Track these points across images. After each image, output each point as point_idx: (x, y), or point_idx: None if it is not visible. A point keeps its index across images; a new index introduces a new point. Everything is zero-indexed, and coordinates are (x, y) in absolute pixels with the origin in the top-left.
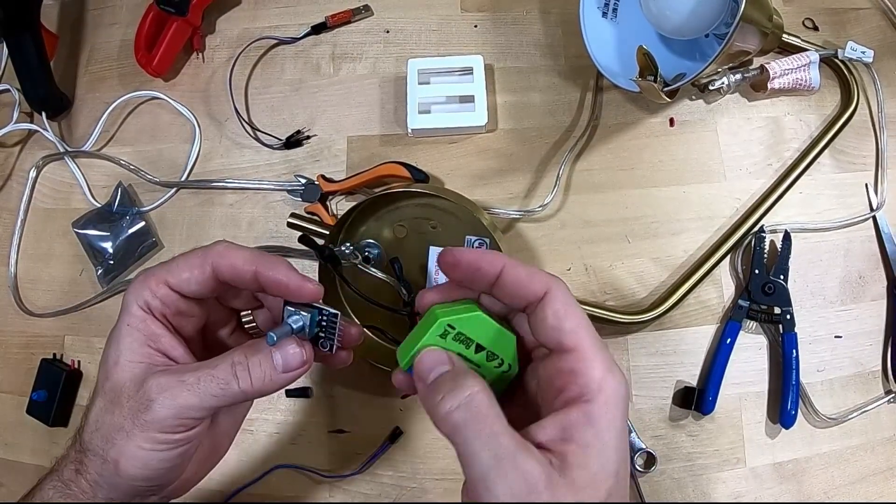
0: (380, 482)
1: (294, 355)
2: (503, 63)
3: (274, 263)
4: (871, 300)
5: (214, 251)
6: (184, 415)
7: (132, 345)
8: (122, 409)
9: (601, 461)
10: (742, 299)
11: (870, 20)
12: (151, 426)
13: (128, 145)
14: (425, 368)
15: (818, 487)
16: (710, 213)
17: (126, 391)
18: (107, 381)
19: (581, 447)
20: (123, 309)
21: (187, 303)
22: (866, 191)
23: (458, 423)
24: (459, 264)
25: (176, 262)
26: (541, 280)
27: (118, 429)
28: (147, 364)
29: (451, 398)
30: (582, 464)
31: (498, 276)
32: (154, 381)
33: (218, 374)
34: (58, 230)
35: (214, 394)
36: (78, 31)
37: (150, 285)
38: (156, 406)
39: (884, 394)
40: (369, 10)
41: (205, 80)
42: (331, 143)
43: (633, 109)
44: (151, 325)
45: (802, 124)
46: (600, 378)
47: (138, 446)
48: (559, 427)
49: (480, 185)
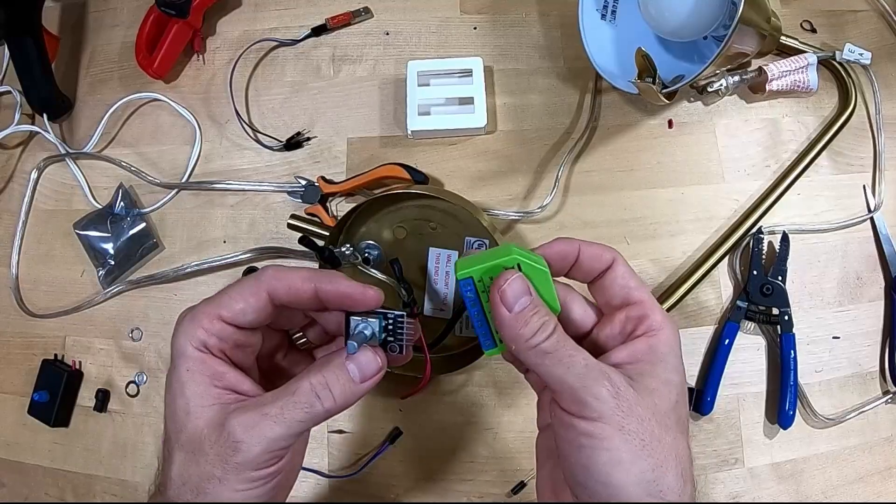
0: (380, 482)
1: (369, 363)
2: (502, 65)
3: (332, 277)
4: (868, 301)
5: (268, 276)
6: (273, 447)
7: (198, 389)
8: (208, 457)
9: (666, 374)
10: (740, 300)
11: (868, 22)
12: (244, 467)
13: (129, 147)
14: (512, 295)
15: (816, 487)
16: (709, 214)
17: (207, 438)
18: (181, 433)
19: (648, 363)
20: (178, 353)
21: (244, 334)
22: (864, 192)
23: (548, 350)
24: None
25: (227, 295)
26: (609, 251)
27: (208, 478)
28: (219, 405)
29: (541, 332)
30: (651, 373)
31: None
32: (235, 420)
33: (300, 399)
34: (59, 231)
35: (300, 419)
36: (79, 33)
37: (202, 324)
38: (244, 446)
39: (881, 394)
40: (369, 13)
41: (205, 81)
42: (331, 145)
43: (632, 111)
44: (213, 364)
45: (800, 126)
46: (661, 320)
47: (233, 490)
48: (627, 352)
49: (480, 187)
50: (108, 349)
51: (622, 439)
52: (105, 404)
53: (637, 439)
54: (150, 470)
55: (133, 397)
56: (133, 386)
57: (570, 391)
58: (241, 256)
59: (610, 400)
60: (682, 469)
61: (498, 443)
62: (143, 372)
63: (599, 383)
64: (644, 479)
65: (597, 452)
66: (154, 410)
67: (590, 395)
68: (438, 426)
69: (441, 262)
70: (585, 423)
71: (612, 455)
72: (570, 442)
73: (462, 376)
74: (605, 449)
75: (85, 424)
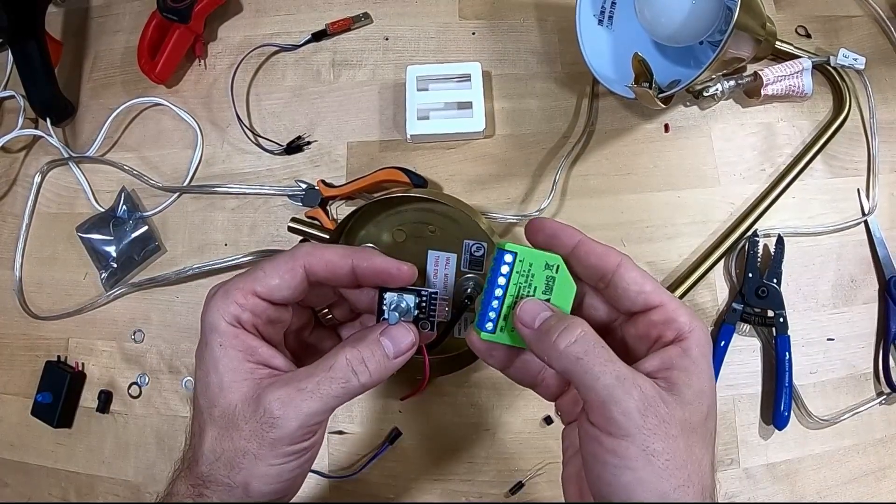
0: (379, 483)
1: (403, 338)
2: (501, 70)
3: (369, 254)
4: (862, 303)
5: (303, 252)
6: (310, 422)
7: (231, 364)
8: (242, 433)
9: (700, 382)
10: (736, 302)
11: (862, 28)
12: (280, 442)
13: (131, 151)
14: (530, 316)
15: (811, 488)
16: (705, 217)
17: (241, 414)
18: (214, 408)
19: (682, 371)
20: (210, 328)
21: (277, 310)
22: (858, 195)
23: (579, 354)
24: (542, 230)
25: (262, 270)
26: (614, 253)
27: (243, 453)
28: (252, 380)
29: (566, 335)
30: (686, 383)
31: (574, 247)
32: (272, 395)
33: (336, 374)
34: (62, 234)
35: (336, 394)
36: (82, 38)
37: (236, 298)
38: (281, 422)
39: (875, 395)
40: (369, 18)
41: (207, 86)
42: (331, 149)
43: (629, 115)
44: (246, 339)
45: (795, 130)
46: (689, 321)
47: (268, 464)
48: (659, 360)
49: (478, 190)
50: (110, 351)
51: (647, 460)
52: (107, 405)
53: (662, 459)
54: (153, 470)
55: (135, 398)
56: (135, 387)
57: (600, 404)
58: (241, 259)
59: (638, 418)
60: (703, 486)
61: (496, 443)
62: (145, 373)
63: (629, 398)
64: (666, 498)
65: (621, 471)
66: (156, 412)
67: (618, 410)
68: (437, 427)
69: (440, 265)
70: (611, 440)
71: (636, 475)
72: (594, 456)
73: (461, 378)
74: (630, 469)
75: (88, 425)
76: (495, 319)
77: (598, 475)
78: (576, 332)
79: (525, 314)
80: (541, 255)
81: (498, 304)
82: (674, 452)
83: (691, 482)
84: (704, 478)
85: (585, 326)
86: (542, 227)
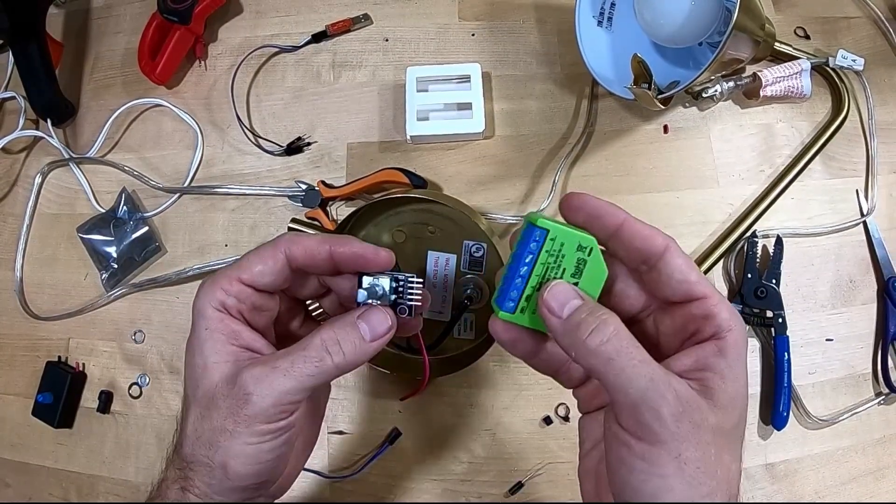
0: (379, 483)
1: (380, 322)
2: (500, 71)
3: (345, 239)
4: (861, 304)
5: (284, 240)
6: (284, 400)
7: (215, 346)
8: (220, 411)
9: (735, 386)
10: (735, 303)
11: (861, 29)
12: (254, 419)
13: (131, 152)
14: (558, 303)
15: (810, 488)
16: (704, 218)
17: (220, 392)
18: (197, 388)
19: (718, 374)
20: (197, 314)
21: (261, 296)
22: (857, 196)
23: (611, 355)
24: (583, 208)
25: (246, 259)
26: (661, 236)
27: (220, 431)
28: (234, 361)
29: (599, 332)
30: (721, 388)
31: (618, 228)
32: (247, 373)
33: (310, 353)
34: (63, 235)
35: (310, 373)
36: (83, 39)
37: (221, 285)
38: (254, 398)
39: (874, 396)
40: (369, 19)
41: (207, 87)
42: (331, 150)
43: (628, 116)
44: (230, 323)
45: (794, 131)
46: (729, 319)
47: (244, 443)
48: (694, 359)
49: (478, 191)
50: (111, 351)
51: (677, 468)
52: (108, 406)
53: (693, 467)
54: (153, 470)
55: (136, 399)
56: (136, 387)
57: (631, 407)
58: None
59: (672, 424)
60: (731, 494)
61: (496, 444)
62: (145, 374)
63: (664, 402)
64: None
65: (649, 477)
66: (156, 412)
67: (651, 415)
68: (437, 427)
69: (440, 265)
70: (642, 445)
71: (665, 482)
72: (622, 460)
73: (460, 378)
74: (659, 476)
75: (88, 425)
76: (517, 299)
77: (625, 479)
78: (608, 330)
79: (553, 300)
80: (574, 235)
81: (522, 283)
82: (705, 460)
83: (720, 490)
84: (732, 486)
85: (618, 322)
86: (583, 205)
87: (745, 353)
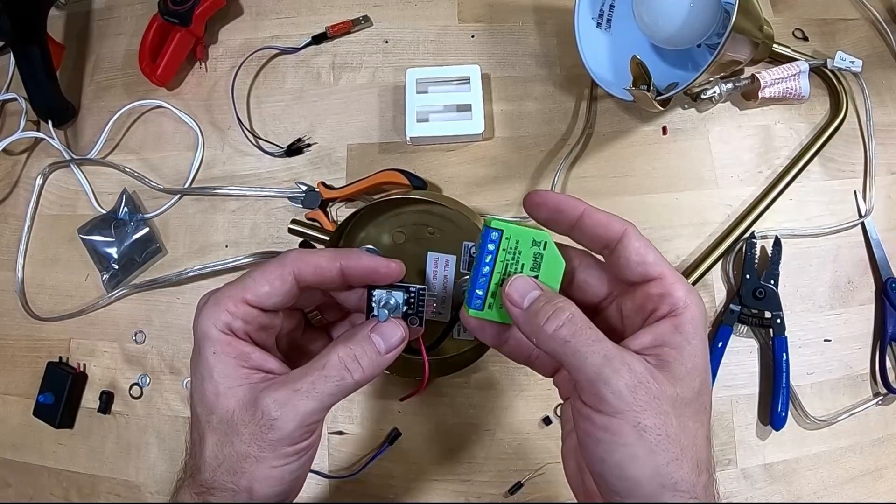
0: (379, 483)
1: (393, 334)
2: (500, 72)
3: (356, 255)
4: (859, 304)
5: (292, 258)
6: (308, 421)
7: (226, 371)
8: (242, 437)
9: (693, 359)
10: (733, 304)
11: (858, 31)
12: (280, 443)
13: (132, 153)
14: (519, 295)
15: (808, 488)
16: (702, 219)
17: (239, 418)
18: (213, 415)
19: (674, 348)
20: (202, 336)
21: (268, 316)
22: (855, 197)
23: (567, 337)
24: (545, 204)
25: (251, 278)
26: (618, 222)
27: (244, 457)
28: (248, 384)
29: (555, 318)
30: (677, 360)
31: (579, 218)
32: (268, 398)
33: (330, 372)
34: (64, 236)
35: (331, 392)
36: (84, 41)
37: (227, 307)
38: (279, 423)
39: (872, 396)
40: (369, 21)
41: (207, 89)
42: (331, 151)
43: (627, 118)
44: (239, 345)
45: (792, 132)
46: (685, 296)
47: (271, 467)
48: (651, 336)
49: (478, 192)
50: (111, 352)
51: (638, 436)
52: (109, 406)
53: (654, 434)
54: (154, 471)
55: (136, 399)
56: (136, 388)
57: (588, 383)
58: (242, 261)
59: (628, 395)
60: (698, 459)
61: (495, 444)
62: (146, 374)
63: (618, 376)
64: (659, 472)
65: (613, 447)
66: (157, 412)
67: (607, 389)
68: (437, 427)
69: (440, 266)
70: (602, 417)
71: (628, 451)
72: (587, 434)
73: (460, 378)
74: (622, 444)
75: (89, 426)
76: (483, 296)
77: (592, 451)
78: (563, 315)
79: (514, 292)
80: (528, 232)
81: (485, 281)
82: (666, 427)
83: (685, 455)
84: (699, 450)
85: (573, 308)
86: (544, 201)
87: (703, 328)
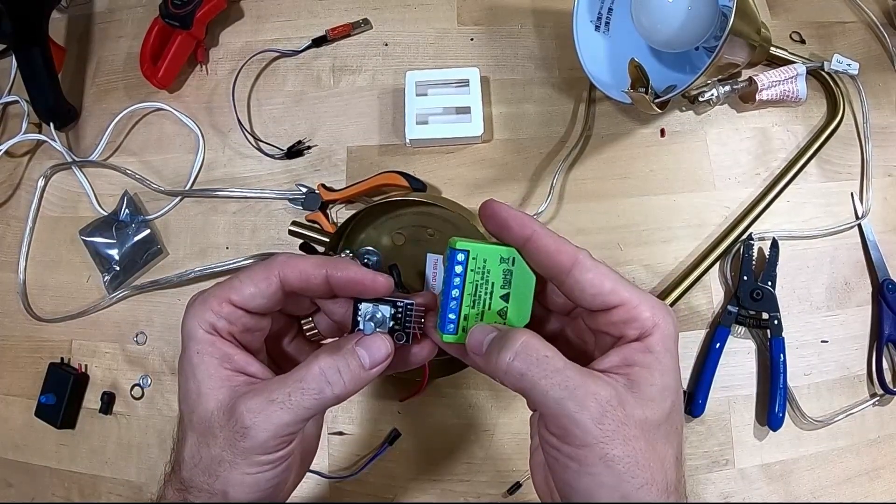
0: (378, 483)
1: (379, 349)
2: (499, 75)
3: (343, 263)
4: (856, 306)
5: (279, 262)
6: (281, 433)
7: (208, 371)
8: (218, 440)
9: (664, 379)
10: (731, 305)
11: (855, 34)
12: (252, 451)
13: (133, 155)
14: (477, 342)
15: (805, 488)
16: (700, 221)
17: (216, 421)
18: (193, 413)
19: (644, 368)
20: (188, 336)
21: (253, 318)
22: (852, 199)
23: (522, 370)
24: (494, 217)
25: (238, 279)
26: (567, 252)
27: (218, 461)
28: (229, 387)
29: (505, 351)
30: (648, 380)
31: (526, 241)
32: (244, 405)
33: (308, 385)
34: (65, 238)
35: (308, 406)
36: (85, 44)
37: (211, 307)
38: (252, 432)
39: (869, 397)
40: (368, 24)
41: (208, 91)
42: (331, 153)
43: (625, 120)
44: (222, 346)
45: (790, 135)
46: (652, 316)
47: (244, 473)
48: (621, 356)
49: (477, 194)
50: (113, 353)
51: (606, 466)
52: (110, 407)
53: (622, 463)
54: (155, 471)
55: (138, 400)
56: (138, 389)
57: (552, 417)
58: (243, 262)
59: (594, 429)
60: (667, 482)
61: (494, 444)
62: (147, 375)
63: (583, 410)
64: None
65: (581, 476)
66: (158, 413)
67: (571, 423)
68: (436, 428)
69: (439, 268)
70: (568, 448)
71: (595, 479)
72: (555, 459)
73: (459, 379)
74: (589, 474)
75: (91, 426)
76: (455, 321)
77: (560, 476)
78: (514, 346)
79: (473, 342)
80: (494, 250)
81: (456, 305)
82: (634, 454)
83: (654, 480)
84: (668, 473)
85: (526, 336)
86: (494, 214)
87: (675, 345)
